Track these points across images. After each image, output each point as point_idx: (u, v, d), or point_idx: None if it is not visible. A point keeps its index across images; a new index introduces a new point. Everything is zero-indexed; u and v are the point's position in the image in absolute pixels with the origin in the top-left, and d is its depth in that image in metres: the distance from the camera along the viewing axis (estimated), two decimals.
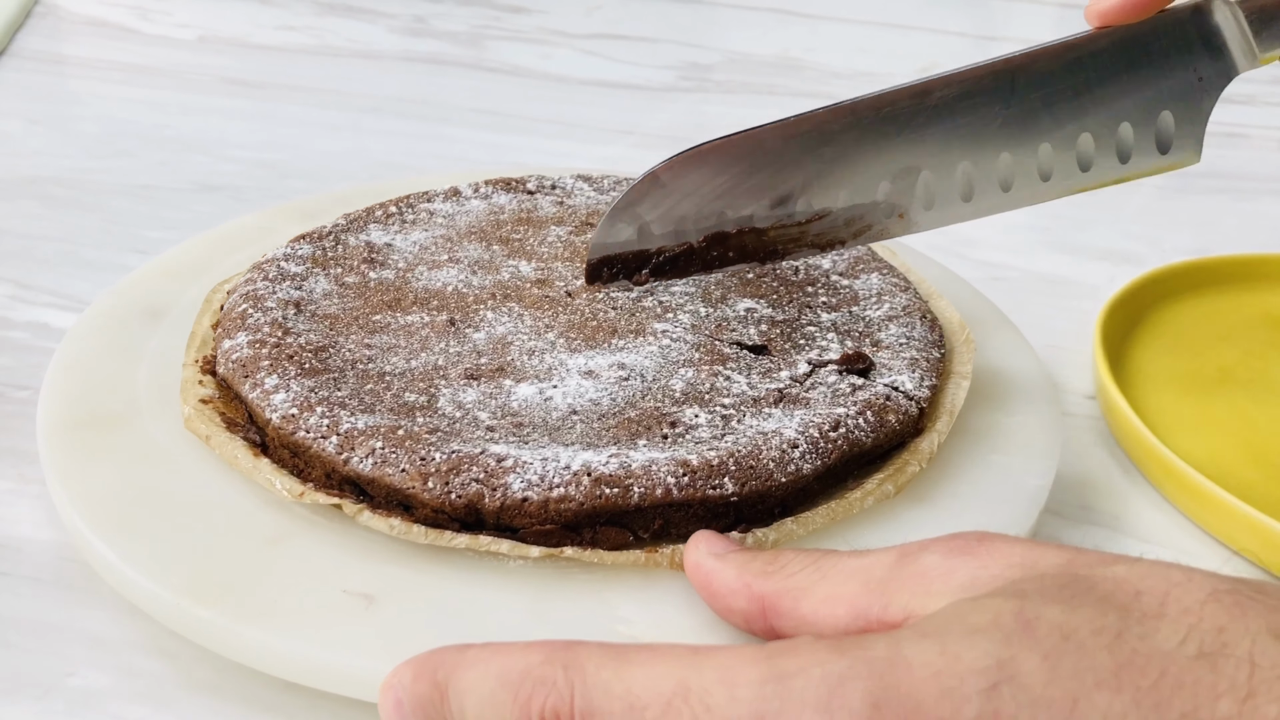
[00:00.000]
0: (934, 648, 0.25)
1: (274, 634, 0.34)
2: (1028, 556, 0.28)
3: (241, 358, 0.42)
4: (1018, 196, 0.43)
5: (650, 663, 0.26)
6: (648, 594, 0.36)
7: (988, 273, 0.63)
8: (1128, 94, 0.41)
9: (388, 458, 0.37)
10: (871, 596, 0.29)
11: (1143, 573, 0.26)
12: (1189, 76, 0.41)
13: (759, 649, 0.26)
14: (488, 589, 0.36)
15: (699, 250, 0.46)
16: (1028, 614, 0.25)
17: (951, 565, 0.28)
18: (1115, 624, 0.25)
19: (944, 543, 0.29)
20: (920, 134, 0.43)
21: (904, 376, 0.42)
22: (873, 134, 0.43)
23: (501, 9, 0.97)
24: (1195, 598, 0.25)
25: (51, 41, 0.86)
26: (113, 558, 0.36)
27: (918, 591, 0.28)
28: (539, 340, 0.44)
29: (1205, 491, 0.44)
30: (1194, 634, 0.24)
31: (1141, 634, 0.24)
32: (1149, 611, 0.25)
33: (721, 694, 0.25)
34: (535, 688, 0.27)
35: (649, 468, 0.37)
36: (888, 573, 0.29)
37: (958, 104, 0.42)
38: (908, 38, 0.99)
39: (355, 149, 0.74)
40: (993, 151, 0.43)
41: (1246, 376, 0.54)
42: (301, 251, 0.49)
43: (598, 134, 0.79)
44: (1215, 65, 0.41)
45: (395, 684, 0.29)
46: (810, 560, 0.32)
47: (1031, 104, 0.42)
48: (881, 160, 0.43)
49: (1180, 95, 0.41)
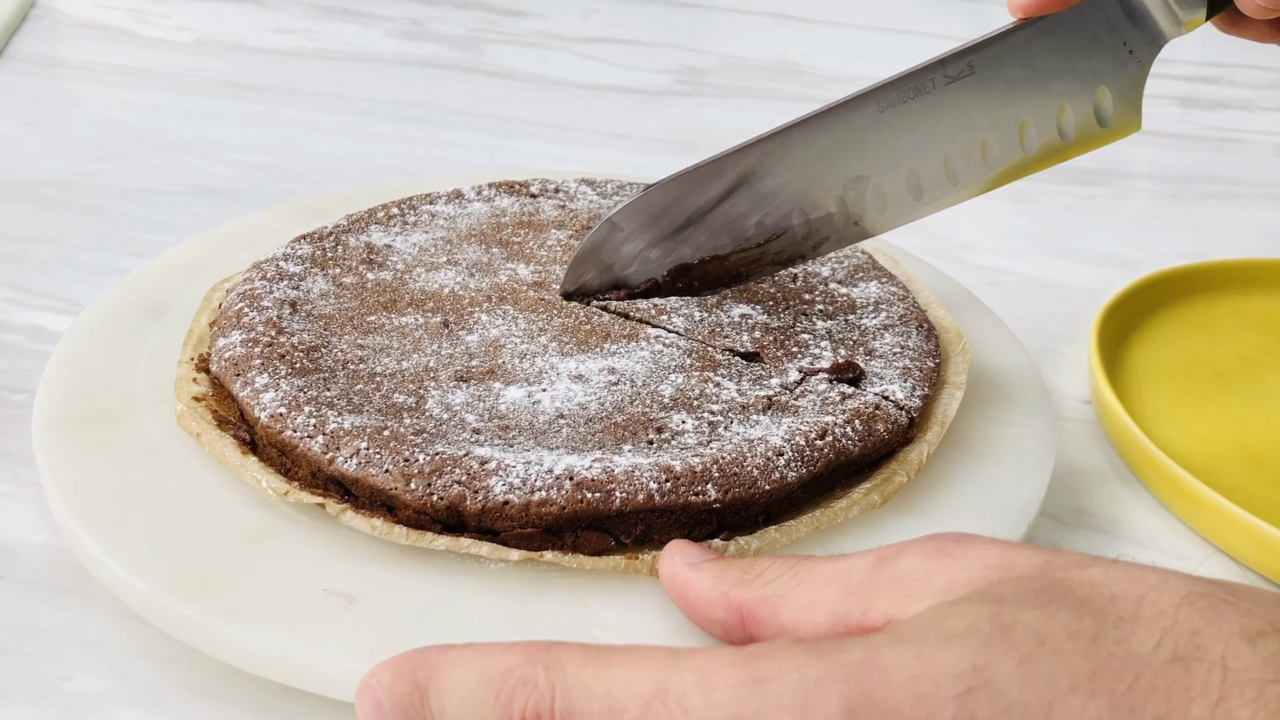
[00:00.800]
0: (910, 652, 0.25)
1: (252, 631, 0.34)
2: (1005, 557, 0.28)
3: (234, 356, 0.42)
4: (968, 188, 0.44)
5: (630, 664, 0.26)
6: (627, 599, 0.36)
7: (984, 277, 0.63)
8: (1061, 77, 0.42)
9: (372, 458, 0.37)
10: (851, 601, 0.29)
11: (1118, 575, 0.26)
12: (1119, 51, 0.42)
13: (737, 652, 0.26)
14: (467, 591, 0.36)
15: (665, 284, 0.47)
16: (1004, 618, 0.25)
17: (930, 568, 0.28)
18: (1091, 628, 0.25)
19: (922, 544, 0.29)
20: (863, 142, 0.43)
21: (895, 386, 0.42)
22: (816, 153, 0.44)
23: (499, 12, 0.97)
24: (1170, 601, 0.25)
25: (48, 44, 0.86)
26: (97, 551, 0.36)
27: (897, 595, 0.28)
28: (531, 343, 0.44)
29: (1201, 496, 0.44)
30: (1168, 637, 0.24)
31: (1117, 638, 0.24)
32: (1124, 615, 0.25)
33: (699, 697, 0.25)
34: (517, 688, 0.27)
35: (632, 473, 0.37)
36: (866, 577, 0.29)
37: (897, 109, 0.43)
38: (904, 42, 0.99)
39: (352, 152, 0.74)
40: (936, 150, 0.43)
41: (1242, 381, 0.54)
42: (301, 251, 0.49)
43: (595, 137, 0.79)
44: (1142, 35, 0.42)
45: (374, 684, 0.29)
46: (787, 567, 0.32)
47: (969, 99, 0.43)
48: (830, 176, 0.44)
49: (1113, 69, 0.42)
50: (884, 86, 0.42)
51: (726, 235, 0.46)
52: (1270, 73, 0.95)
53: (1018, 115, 0.43)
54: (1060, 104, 0.42)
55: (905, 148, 0.43)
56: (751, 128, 0.45)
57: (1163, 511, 0.47)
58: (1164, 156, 0.82)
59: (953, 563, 0.28)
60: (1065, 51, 0.42)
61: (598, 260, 0.46)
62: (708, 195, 0.45)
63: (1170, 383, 0.54)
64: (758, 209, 0.45)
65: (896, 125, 0.43)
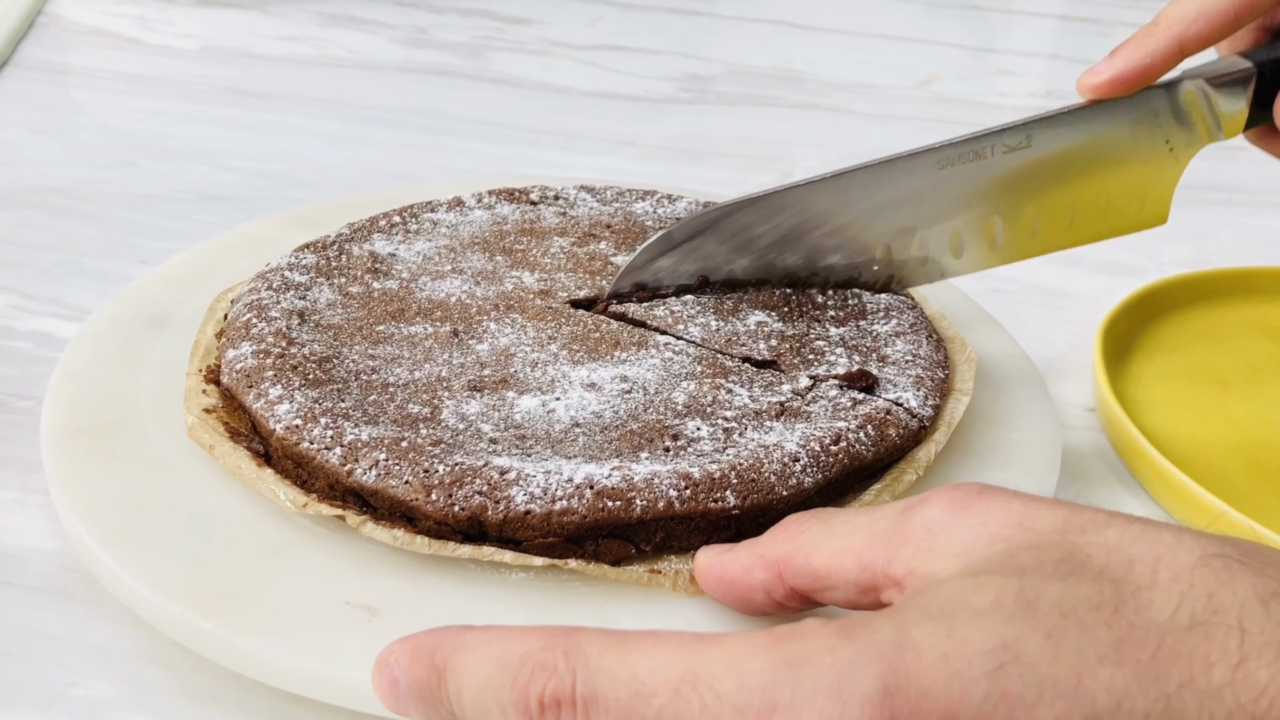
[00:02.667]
0: (940, 630, 0.25)
1: (275, 645, 0.34)
2: (1024, 515, 0.28)
3: (245, 368, 0.42)
4: (1004, 253, 0.48)
5: (656, 649, 0.26)
6: (649, 607, 0.36)
7: (988, 285, 0.63)
8: (1107, 163, 0.46)
9: (391, 469, 0.37)
10: (877, 549, 0.30)
11: (1134, 536, 0.27)
12: (1161, 146, 0.46)
13: (767, 634, 0.26)
14: (490, 601, 0.36)
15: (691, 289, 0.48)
16: (1028, 593, 0.26)
17: (951, 521, 0.29)
18: (1112, 598, 0.25)
19: (945, 494, 0.30)
20: (918, 196, 0.46)
21: (909, 394, 0.43)
22: (874, 200, 0.46)
23: (503, 20, 0.97)
24: (1185, 563, 0.26)
25: (54, 51, 0.86)
26: (114, 567, 0.36)
27: (920, 548, 0.29)
28: (542, 352, 0.44)
29: (1205, 503, 0.45)
30: (1186, 603, 0.25)
31: (1137, 607, 0.25)
32: (1142, 582, 0.26)
33: (731, 680, 0.25)
34: (535, 673, 0.27)
35: (651, 480, 0.37)
36: (891, 525, 0.30)
37: (955, 168, 0.46)
38: (907, 49, 1.00)
39: (356, 159, 0.74)
40: (984, 214, 0.47)
41: (1245, 389, 0.54)
42: (306, 261, 0.49)
43: (598, 145, 0.79)
44: (1184, 135, 0.46)
45: (391, 662, 0.29)
46: (818, 519, 0.33)
47: (1024, 171, 0.46)
48: (882, 223, 0.47)
49: (1152, 161, 0.46)
50: (946, 145, 0.45)
51: (769, 268, 0.48)
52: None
53: (1065, 194, 0.46)
54: (1104, 189, 0.46)
55: (955, 207, 0.46)
56: (754, 135, 0.45)
57: (1167, 518, 0.47)
58: None
59: (973, 518, 0.29)
60: (1115, 138, 0.45)
61: (650, 270, 0.47)
62: (763, 227, 0.47)
63: (1174, 390, 0.54)
64: (805, 246, 0.47)
65: (952, 184, 0.46)
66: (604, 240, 0.52)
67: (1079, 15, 1.09)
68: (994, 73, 0.97)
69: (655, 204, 0.56)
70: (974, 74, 0.96)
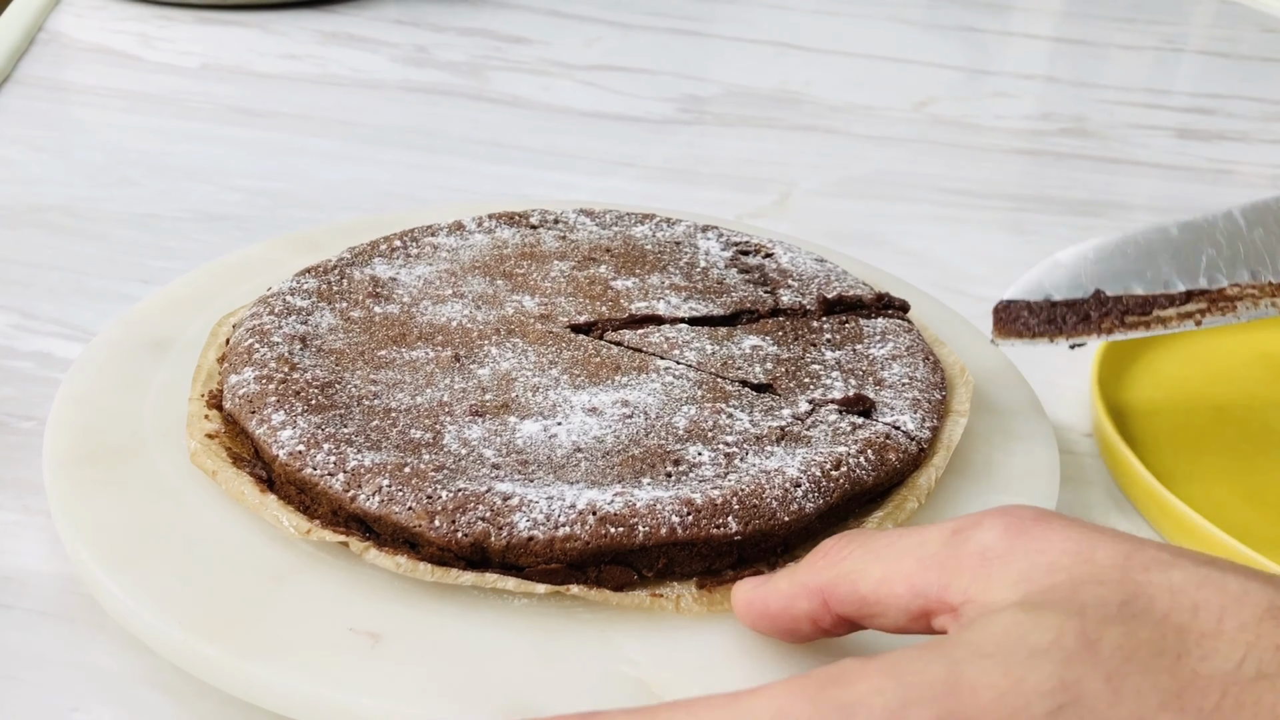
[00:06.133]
0: (996, 669, 0.24)
1: (278, 672, 0.34)
2: (1084, 545, 0.27)
3: (248, 393, 0.42)
4: None
5: (690, 718, 0.26)
6: (653, 634, 0.36)
7: (985, 309, 0.63)
8: None
9: (394, 495, 0.37)
10: (929, 574, 0.29)
11: (1199, 581, 0.26)
12: None
13: (804, 680, 0.25)
14: (493, 628, 0.36)
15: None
16: (1090, 634, 0.25)
17: (1007, 547, 0.28)
18: (1175, 645, 0.25)
19: (1000, 518, 0.29)
20: None
21: (906, 417, 0.43)
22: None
23: (502, 39, 0.98)
24: (1252, 614, 0.25)
25: (55, 68, 0.86)
26: (117, 592, 0.36)
27: (977, 574, 0.28)
28: (543, 376, 0.44)
29: (1202, 531, 0.45)
30: (1252, 654, 0.24)
31: (1201, 655, 0.25)
32: (1207, 631, 0.25)
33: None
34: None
35: (654, 506, 0.37)
36: (942, 549, 0.29)
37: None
38: (904, 71, 1.00)
39: (357, 178, 0.74)
40: None
41: (1243, 416, 0.55)
42: (307, 285, 0.49)
43: (597, 165, 0.79)
44: None
45: None
46: (858, 544, 0.32)
47: None
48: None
49: None
50: None
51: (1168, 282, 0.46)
52: (1267, 104, 0.96)
53: None
54: None
55: None
56: (754, 156, 0.45)
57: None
58: (1161, 187, 0.82)
59: (1031, 544, 0.28)
60: None
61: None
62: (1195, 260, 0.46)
63: (1171, 417, 0.54)
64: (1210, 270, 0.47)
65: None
66: (604, 264, 0.52)
67: (1073, 37, 1.10)
68: (990, 95, 0.97)
69: (655, 227, 0.56)
70: (971, 96, 0.96)
